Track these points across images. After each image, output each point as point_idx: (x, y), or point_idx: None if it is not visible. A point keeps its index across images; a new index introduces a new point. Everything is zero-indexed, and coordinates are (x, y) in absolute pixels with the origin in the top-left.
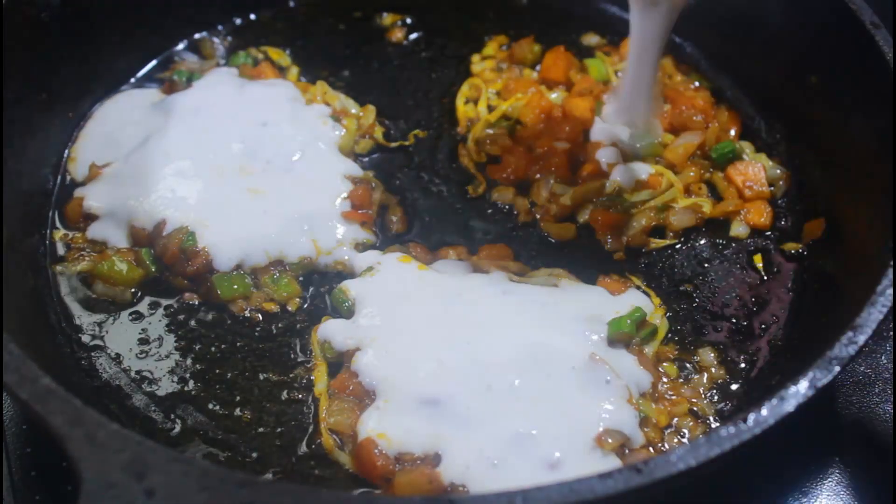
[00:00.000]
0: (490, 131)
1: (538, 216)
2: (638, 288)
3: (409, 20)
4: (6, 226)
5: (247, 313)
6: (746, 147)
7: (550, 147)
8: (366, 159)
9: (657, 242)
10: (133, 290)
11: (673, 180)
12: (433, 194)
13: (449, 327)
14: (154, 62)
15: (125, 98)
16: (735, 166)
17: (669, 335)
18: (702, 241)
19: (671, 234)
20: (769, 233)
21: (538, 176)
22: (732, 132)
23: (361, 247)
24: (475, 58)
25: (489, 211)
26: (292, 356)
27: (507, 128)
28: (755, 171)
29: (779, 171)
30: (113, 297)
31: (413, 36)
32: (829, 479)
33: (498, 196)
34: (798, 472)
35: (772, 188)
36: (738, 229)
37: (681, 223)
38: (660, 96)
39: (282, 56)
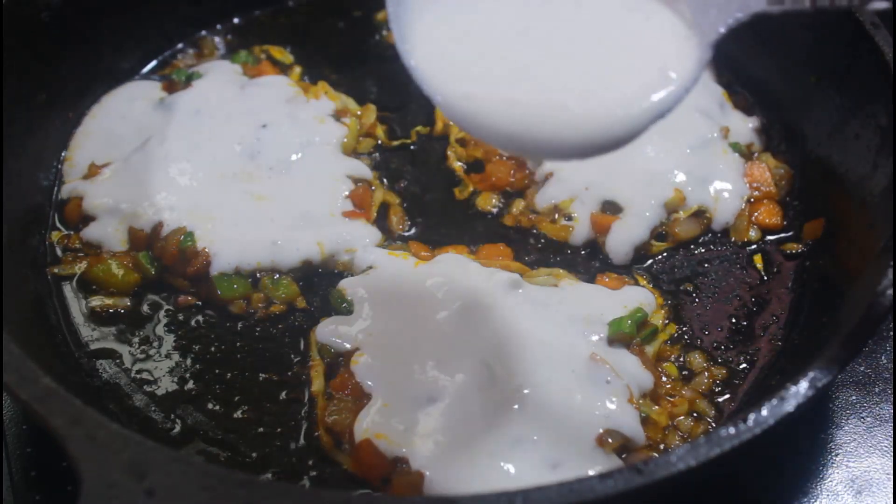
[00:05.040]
0: None
1: (533, 218)
2: (641, 286)
3: None
4: (6, 226)
5: (246, 313)
6: (753, 146)
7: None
8: (367, 158)
9: (658, 246)
10: (130, 296)
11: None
12: (434, 193)
13: (448, 328)
14: (154, 62)
15: (124, 92)
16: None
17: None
18: (702, 241)
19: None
20: (772, 233)
21: (526, 182)
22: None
23: (362, 246)
24: None
25: (490, 211)
26: (292, 356)
27: None
28: (760, 171)
29: (782, 170)
30: (112, 307)
31: None
32: (829, 479)
33: (482, 203)
34: (798, 472)
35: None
36: (750, 233)
37: (686, 233)
38: None
39: (284, 54)
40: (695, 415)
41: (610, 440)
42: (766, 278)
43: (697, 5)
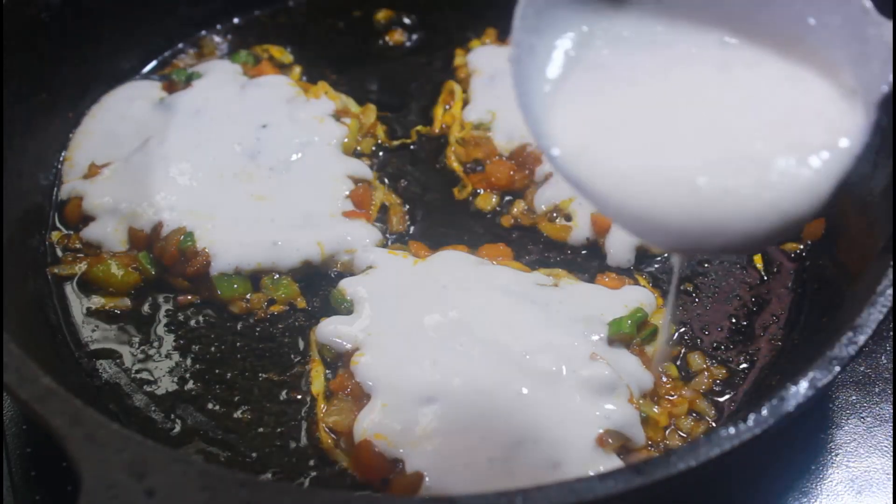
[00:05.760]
0: (476, 133)
1: (533, 218)
2: (641, 286)
3: (408, 19)
4: (6, 226)
5: (246, 313)
6: None
7: (532, 153)
8: (367, 158)
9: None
10: (130, 296)
11: None
12: (434, 193)
13: (448, 328)
14: (154, 62)
15: (124, 92)
16: None
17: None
18: None
19: None
20: None
21: (525, 182)
22: None
23: (362, 246)
24: (459, 51)
25: (489, 211)
26: (292, 356)
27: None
28: None
29: None
30: (112, 307)
31: (413, 34)
32: (829, 479)
33: (482, 203)
34: (798, 472)
35: None
36: None
37: None
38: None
39: (284, 54)
40: (695, 415)
41: (610, 440)
42: (766, 278)
43: (856, 60)
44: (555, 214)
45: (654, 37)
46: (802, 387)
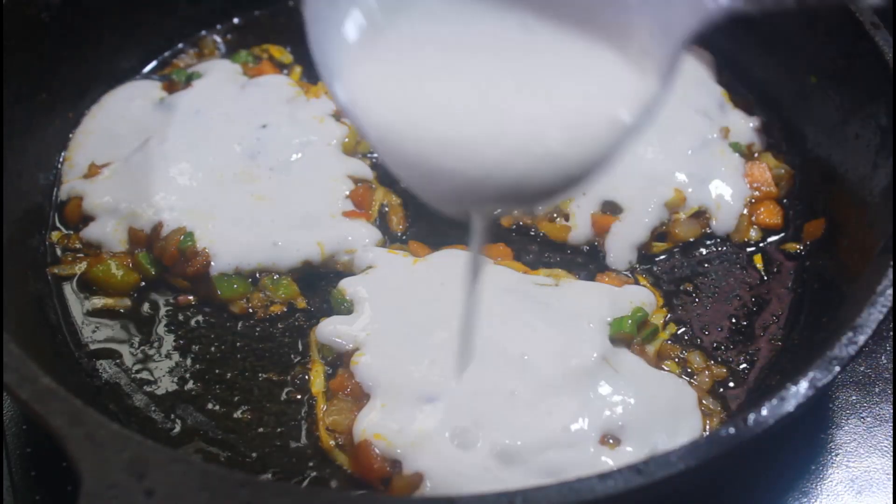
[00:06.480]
0: None
1: (533, 219)
2: (642, 286)
3: None
4: (6, 226)
5: (246, 313)
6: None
7: None
8: (368, 158)
9: (658, 246)
10: (130, 296)
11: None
12: None
13: (448, 328)
14: (154, 62)
15: (124, 92)
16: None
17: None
18: (702, 241)
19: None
20: (773, 233)
21: None
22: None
23: (361, 246)
24: None
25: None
26: (292, 356)
27: None
28: (760, 171)
29: (782, 170)
30: (112, 307)
31: None
32: (829, 479)
33: None
34: (798, 472)
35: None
36: (750, 233)
37: (685, 233)
38: None
39: (284, 54)
40: None
41: (610, 440)
42: (766, 278)
43: (655, 13)
44: (555, 214)
45: (461, 14)
46: (802, 387)
